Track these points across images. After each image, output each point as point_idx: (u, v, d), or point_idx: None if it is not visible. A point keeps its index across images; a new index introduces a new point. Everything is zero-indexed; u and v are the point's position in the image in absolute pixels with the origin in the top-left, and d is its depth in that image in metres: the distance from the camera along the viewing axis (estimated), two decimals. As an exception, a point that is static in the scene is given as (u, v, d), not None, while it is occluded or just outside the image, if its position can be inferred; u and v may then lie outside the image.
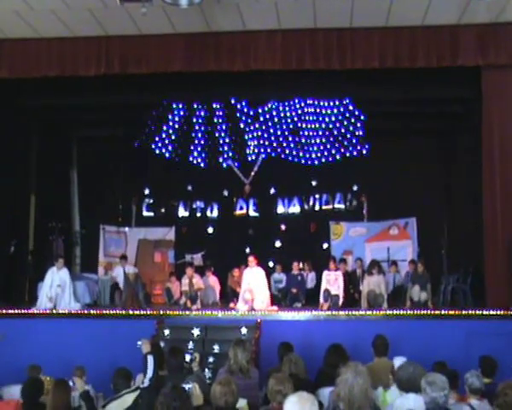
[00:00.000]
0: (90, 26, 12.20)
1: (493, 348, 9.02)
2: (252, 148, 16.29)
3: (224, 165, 16.44)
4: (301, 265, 14.91)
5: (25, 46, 12.88)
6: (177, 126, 16.28)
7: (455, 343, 10.67)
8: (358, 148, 15.87)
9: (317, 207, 16.86)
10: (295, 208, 16.95)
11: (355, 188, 16.67)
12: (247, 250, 15.70)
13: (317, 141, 16.03)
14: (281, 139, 16.14)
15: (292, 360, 6.39)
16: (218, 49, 12.72)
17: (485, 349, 8.46)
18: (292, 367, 6.24)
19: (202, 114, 16.29)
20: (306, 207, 16.91)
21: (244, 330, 11.26)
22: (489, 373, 7.18)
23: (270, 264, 15.86)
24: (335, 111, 15.82)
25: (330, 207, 16.81)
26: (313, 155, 16.05)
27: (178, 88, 14.58)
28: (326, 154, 16.01)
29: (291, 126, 16.06)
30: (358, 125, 15.72)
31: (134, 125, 16.34)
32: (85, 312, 12.59)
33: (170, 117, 16.23)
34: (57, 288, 12.90)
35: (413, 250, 15.91)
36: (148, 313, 12.36)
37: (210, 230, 17.12)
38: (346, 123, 15.82)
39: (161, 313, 12.34)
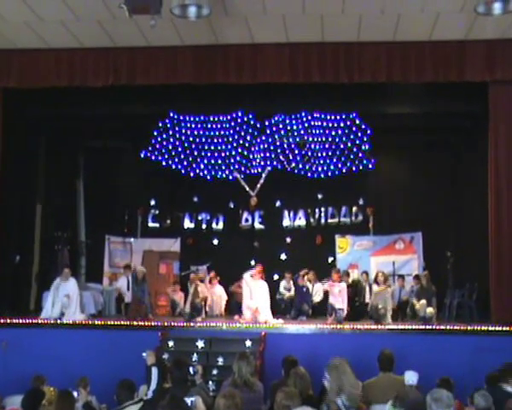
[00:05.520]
0: (98, 37, 12.27)
1: (499, 363, 8.95)
2: (258, 160, 16.27)
3: (230, 177, 16.42)
4: (305, 278, 14.81)
5: (34, 57, 12.97)
6: (183, 138, 16.27)
7: (460, 359, 10.63)
8: (364, 162, 15.80)
9: (322, 221, 16.81)
10: (301, 221, 16.89)
11: (361, 202, 16.62)
12: (253, 263, 15.67)
13: (324, 154, 16.00)
14: (287, 152, 16.12)
15: (298, 374, 6.34)
16: (226, 62, 12.78)
17: (490, 365, 8.43)
18: (298, 381, 6.20)
19: (209, 125, 16.30)
20: (312, 220, 16.86)
21: (248, 343, 11.23)
22: (495, 390, 7.14)
23: (275, 277, 15.81)
24: (342, 125, 15.78)
25: (336, 220, 16.76)
26: (319, 169, 16.00)
27: (185, 100, 14.63)
28: (332, 167, 15.94)
29: (297, 139, 16.04)
30: (365, 139, 15.68)
31: (141, 137, 16.35)
32: (90, 322, 12.59)
33: (176, 128, 16.24)
34: (64, 298, 12.87)
35: (419, 265, 15.85)
36: (153, 324, 12.36)
37: (215, 242, 17.08)
38: (352, 137, 15.78)
39: (166, 324, 12.35)
